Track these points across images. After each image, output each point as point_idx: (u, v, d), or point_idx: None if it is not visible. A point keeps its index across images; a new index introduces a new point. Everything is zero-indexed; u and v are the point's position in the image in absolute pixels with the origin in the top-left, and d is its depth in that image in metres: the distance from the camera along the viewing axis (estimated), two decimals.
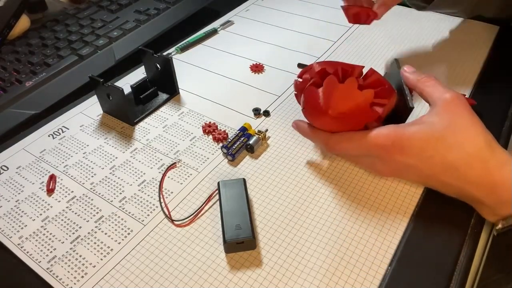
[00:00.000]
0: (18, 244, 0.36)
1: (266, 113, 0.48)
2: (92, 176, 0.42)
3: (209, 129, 0.46)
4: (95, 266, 0.34)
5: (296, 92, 0.41)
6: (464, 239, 0.35)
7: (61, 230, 0.37)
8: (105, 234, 0.36)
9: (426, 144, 0.33)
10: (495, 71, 0.53)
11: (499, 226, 0.33)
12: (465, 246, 0.34)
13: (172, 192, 0.40)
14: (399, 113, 0.38)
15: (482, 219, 0.36)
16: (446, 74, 0.52)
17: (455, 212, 0.36)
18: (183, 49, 0.60)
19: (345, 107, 0.36)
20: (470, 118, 0.34)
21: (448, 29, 0.61)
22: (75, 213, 0.38)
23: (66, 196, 0.40)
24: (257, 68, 0.55)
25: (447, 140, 0.33)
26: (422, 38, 0.60)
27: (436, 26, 0.62)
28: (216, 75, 0.55)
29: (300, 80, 0.40)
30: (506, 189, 0.31)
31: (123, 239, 0.36)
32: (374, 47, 0.59)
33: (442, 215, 0.36)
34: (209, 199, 0.38)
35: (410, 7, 0.67)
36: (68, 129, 0.48)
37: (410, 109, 0.37)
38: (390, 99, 0.37)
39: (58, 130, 0.47)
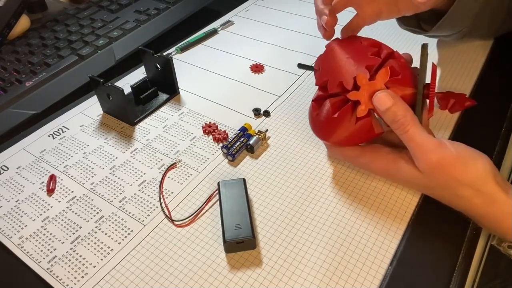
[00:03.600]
0: (18, 244, 0.36)
1: (266, 113, 0.48)
2: (92, 176, 0.42)
3: (209, 129, 0.46)
4: (95, 266, 0.34)
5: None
6: (464, 240, 0.35)
7: (61, 230, 0.37)
8: (105, 234, 0.36)
9: (464, 166, 0.33)
10: (495, 72, 0.53)
11: (494, 242, 0.34)
12: (465, 247, 0.34)
13: (172, 192, 0.40)
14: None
15: None
16: (446, 75, 0.52)
17: (454, 213, 0.36)
18: (183, 49, 0.60)
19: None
20: (457, 176, 0.33)
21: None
22: (75, 213, 0.38)
23: (66, 196, 0.40)
24: (257, 68, 0.56)
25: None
26: (422, 38, 0.60)
27: None
28: (216, 75, 0.55)
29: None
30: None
31: (123, 239, 0.36)
32: None
33: (441, 216, 0.36)
34: (209, 199, 0.38)
35: None
36: (68, 129, 0.48)
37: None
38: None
39: (58, 130, 0.47)
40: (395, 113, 0.33)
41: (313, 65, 0.55)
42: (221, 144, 0.44)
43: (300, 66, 0.55)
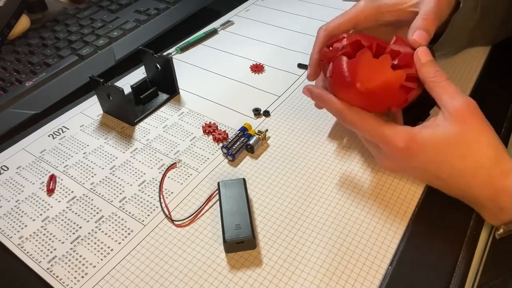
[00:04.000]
0: (18, 244, 0.36)
1: (266, 113, 0.48)
2: (92, 176, 0.42)
3: (209, 129, 0.46)
4: (95, 266, 0.34)
5: (323, 61, 0.40)
6: (464, 240, 0.35)
7: (61, 230, 0.37)
8: (105, 234, 0.36)
9: (437, 151, 0.33)
10: (495, 72, 0.53)
11: (501, 231, 0.33)
12: (465, 247, 0.34)
13: (172, 192, 0.40)
14: (426, 101, 0.37)
15: (481, 220, 0.36)
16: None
17: (455, 213, 0.36)
18: (183, 49, 0.60)
19: (374, 84, 0.34)
20: (480, 129, 0.33)
21: None
22: (75, 213, 0.38)
23: (66, 196, 0.40)
24: (257, 68, 0.56)
25: (458, 149, 0.33)
26: None
27: None
28: (216, 75, 0.55)
29: (330, 48, 0.39)
30: (507, 196, 0.32)
31: (123, 239, 0.36)
32: None
33: (442, 216, 0.36)
34: (209, 199, 0.38)
35: None
36: (68, 129, 0.48)
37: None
38: (420, 84, 0.35)
39: (58, 130, 0.47)
40: (435, 64, 0.35)
41: None
42: (221, 144, 0.44)
43: (300, 66, 0.55)
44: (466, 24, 0.46)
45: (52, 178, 0.41)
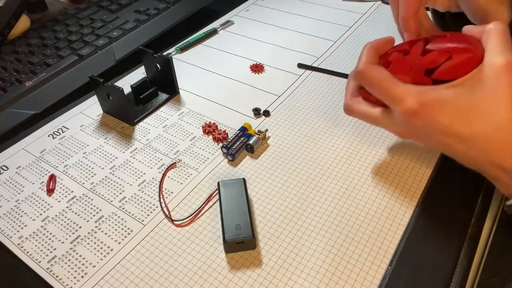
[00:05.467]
0: (18, 244, 0.36)
1: (266, 113, 0.48)
2: (92, 176, 0.42)
3: (209, 129, 0.46)
4: (95, 266, 0.34)
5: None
6: (464, 239, 0.35)
7: (61, 230, 0.37)
8: (105, 234, 0.36)
9: (458, 113, 0.30)
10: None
11: (510, 202, 0.32)
12: (465, 246, 0.34)
13: (172, 192, 0.40)
14: None
15: (482, 219, 0.36)
16: None
17: (455, 212, 0.36)
18: (183, 49, 0.60)
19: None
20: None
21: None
22: (75, 213, 0.38)
23: (66, 196, 0.40)
24: (257, 68, 0.55)
25: (481, 108, 0.30)
26: None
27: None
28: (216, 75, 0.55)
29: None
30: None
31: (123, 239, 0.36)
32: None
33: (442, 215, 0.36)
34: (209, 199, 0.38)
35: None
36: (68, 129, 0.48)
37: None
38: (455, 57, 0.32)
39: (58, 130, 0.47)
40: None
41: (312, 65, 0.55)
42: (221, 144, 0.44)
43: (300, 66, 0.55)
44: None
45: (52, 178, 0.41)
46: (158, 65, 0.50)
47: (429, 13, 0.43)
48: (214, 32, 0.64)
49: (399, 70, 0.34)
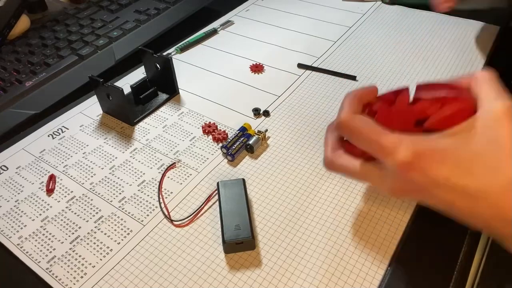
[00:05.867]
0: (18, 244, 0.36)
1: (266, 113, 0.48)
2: (92, 176, 0.42)
3: (209, 129, 0.46)
4: (94, 266, 0.34)
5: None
6: (464, 239, 0.35)
7: (61, 230, 0.37)
8: (105, 234, 0.36)
9: (459, 164, 0.26)
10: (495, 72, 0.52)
11: None
12: (465, 246, 0.34)
13: (171, 192, 0.40)
14: None
15: None
16: (446, 75, 0.52)
17: None
18: (183, 49, 0.60)
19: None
20: None
21: (448, 30, 0.61)
22: (75, 213, 0.38)
23: (65, 196, 0.40)
24: (257, 68, 0.55)
25: (484, 161, 0.26)
26: (422, 38, 0.60)
27: (436, 27, 0.62)
28: (216, 75, 0.55)
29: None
30: None
31: (122, 239, 0.36)
32: (374, 47, 0.59)
33: (442, 216, 0.36)
34: (208, 199, 0.38)
35: (411, 7, 0.67)
36: (68, 129, 0.48)
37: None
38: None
39: (58, 130, 0.47)
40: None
41: (312, 65, 0.55)
42: (220, 144, 0.44)
43: (300, 66, 0.55)
44: None
45: (52, 178, 0.41)
46: (158, 65, 0.50)
47: None
48: (214, 32, 0.64)
49: (386, 119, 0.30)
